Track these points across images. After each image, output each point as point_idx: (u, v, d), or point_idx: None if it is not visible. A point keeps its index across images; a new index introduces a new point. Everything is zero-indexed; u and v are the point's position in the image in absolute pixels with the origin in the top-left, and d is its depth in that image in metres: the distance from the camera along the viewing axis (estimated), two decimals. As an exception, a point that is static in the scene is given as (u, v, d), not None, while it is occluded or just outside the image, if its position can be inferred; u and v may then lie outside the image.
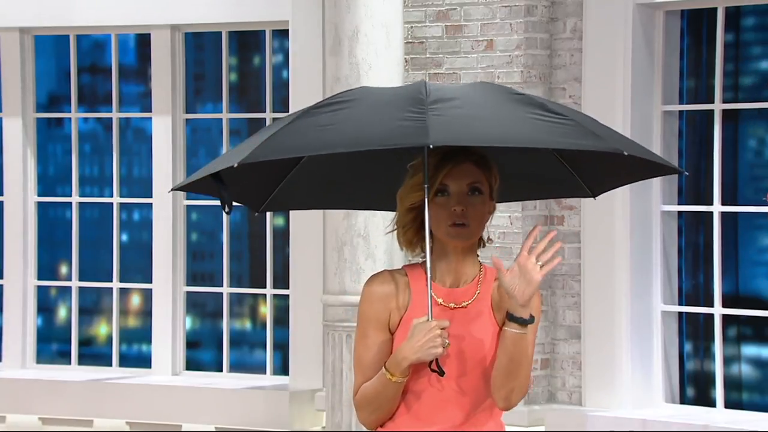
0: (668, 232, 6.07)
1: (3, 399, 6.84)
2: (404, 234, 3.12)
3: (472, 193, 3.08)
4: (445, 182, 3.07)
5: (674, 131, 6.08)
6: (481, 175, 3.10)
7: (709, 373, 5.98)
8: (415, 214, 3.10)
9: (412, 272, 3.14)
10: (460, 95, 3.08)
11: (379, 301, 3.12)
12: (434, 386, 3.08)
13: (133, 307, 7.02)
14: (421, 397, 3.10)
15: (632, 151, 3.08)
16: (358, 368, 3.14)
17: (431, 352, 3.01)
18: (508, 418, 6.06)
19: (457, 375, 3.08)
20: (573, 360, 6.08)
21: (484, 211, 3.10)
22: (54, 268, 7.13)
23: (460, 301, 3.09)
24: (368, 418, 3.13)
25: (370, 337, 3.12)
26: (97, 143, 7.10)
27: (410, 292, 3.12)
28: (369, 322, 3.12)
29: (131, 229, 7.03)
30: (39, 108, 7.12)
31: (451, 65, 6.19)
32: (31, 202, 7.09)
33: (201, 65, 6.93)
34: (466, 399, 3.09)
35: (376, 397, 3.09)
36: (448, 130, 2.96)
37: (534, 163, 3.33)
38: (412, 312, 3.10)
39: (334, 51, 5.70)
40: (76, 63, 7.04)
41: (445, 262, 3.11)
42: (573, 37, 6.06)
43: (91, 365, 7.01)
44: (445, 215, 3.07)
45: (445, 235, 3.08)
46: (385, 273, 3.14)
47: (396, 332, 3.12)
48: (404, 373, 3.06)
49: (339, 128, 3.01)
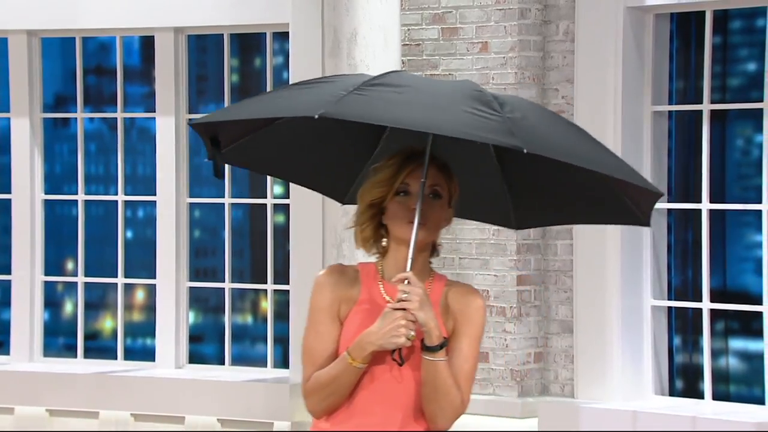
0: (658, 229, 6.01)
1: (11, 391, 6.81)
2: (362, 232, 3.07)
3: (433, 197, 3.03)
4: (407, 181, 3.02)
5: (664, 131, 6.03)
6: (443, 180, 3.06)
7: (698, 366, 5.94)
8: (374, 212, 3.04)
9: (364, 269, 3.09)
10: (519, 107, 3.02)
11: (330, 292, 3.06)
12: (372, 384, 3.02)
13: (138, 302, 7.00)
14: (359, 393, 3.03)
15: (595, 165, 2.99)
16: (308, 358, 3.07)
17: (393, 341, 2.95)
18: (502, 409, 6.02)
19: (396, 375, 3.02)
20: (565, 353, 6.02)
21: (441, 217, 3.05)
22: (60, 264, 7.12)
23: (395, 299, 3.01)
24: (319, 405, 3.06)
25: (321, 327, 3.06)
26: (103, 143, 7.09)
27: (360, 287, 3.06)
28: (320, 312, 3.07)
29: (136, 226, 7.02)
30: (46, 108, 7.09)
31: (447, 67, 6.14)
32: (38, 199, 7.06)
33: (203, 67, 6.92)
34: (401, 400, 3.03)
35: (332, 381, 3.02)
36: (532, 140, 2.91)
37: (480, 181, 3.26)
38: (359, 306, 3.04)
39: (333, 53, 5.68)
40: (81, 64, 7.01)
41: (395, 261, 3.06)
42: (565, 40, 6.02)
43: (96, 358, 6.99)
44: (403, 213, 3.01)
45: (400, 233, 3.02)
46: (337, 266, 3.10)
47: (345, 324, 3.05)
48: (365, 360, 2.99)
49: (414, 108, 2.93)
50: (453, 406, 2.99)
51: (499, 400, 5.97)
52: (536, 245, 6.06)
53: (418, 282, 2.96)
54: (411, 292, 2.94)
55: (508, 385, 5.99)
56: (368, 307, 3.04)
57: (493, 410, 5.97)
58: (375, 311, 3.02)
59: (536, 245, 6.06)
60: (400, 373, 3.00)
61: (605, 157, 3.05)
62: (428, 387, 2.98)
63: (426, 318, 2.95)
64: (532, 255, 6.04)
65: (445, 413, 3.00)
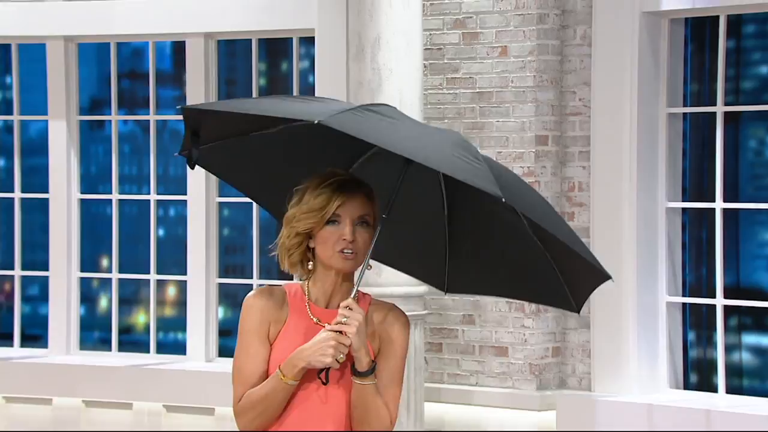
0: (673, 228, 5.98)
1: (49, 383, 6.83)
2: (289, 257, 3.04)
3: (361, 225, 3.02)
4: (338, 213, 3.00)
5: (678, 132, 6.00)
6: (370, 208, 3.05)
7: (712, 361, 5.91)
8: (302, 239, 3.02)
9: (291, 290, 3.07)
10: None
11: (259, 314, 3.03)
12: (302, 404, 3.01)
13: (169, 297, 7.00)
14: (293, 409, 3.01)
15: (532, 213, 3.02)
16: (239, 378, 3.03)
17: (320, 359, 2.95)
18: (521, 402, 6.02)
19: (322, 395, 3.01)
20: (583, 348, 6.00)
21: (369, 242, 3.03)
22: (96, 261, 7.12)
23: (333, 321, 2.99)
24: (251, 423, 3.03)
25: (251, 347, 3.03)
26: (136, 144, 7.09)
27: (288, 309, 3.05)
28: (250, 333, 3.03)
29: (167, 225, 7.02)
30: (82, 111, 7.10)
31: (467, 70, 6.13)
32: (74, 199, 7.07)
33: (233, 71, 6.93)
34: (327, 420, 3.02)
35: (264, 399, 2.99)
36: (511, 195, 2.91)
37: (422, 237, 3.23)
38: (287, 327, 3.03)
39: (358, 57, 5.67)
40: (116, 69, 7.03)
41: (322, 284, 3.05)
42: (583, 44, 6.00)
43: (130, 352, 7.00)
44: (333, 243, 3.00)
45: (331, 262, 3.02)
46: (266, 288, 3.08)
47: (274, 345, 3.03)
48: (296, 377, 2.98)
49: (405, 138, 2.95)
50: (383, 424, 3.01)
51: (518, 393, 5.96)
52: None
53: (360, 309, 2.95)
54: (351, 317, 2.94)
55: (527, 379, 5.98)
56: (296, 328, 3.02)
57: (512, 403, 5.96)
58: (303, 332, 3.01)
59: None
60: (326, 393, 3.00)
61: (568, 232, 3.06)
62: (359, 409, 2.99)
63: (359, 344, 2.95)
64: None
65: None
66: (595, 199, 5.93)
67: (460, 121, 6.12)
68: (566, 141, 6.05)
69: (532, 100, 5.99)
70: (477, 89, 6.10)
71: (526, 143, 6.01)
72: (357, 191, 3.02)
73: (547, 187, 6.03)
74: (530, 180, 6.00)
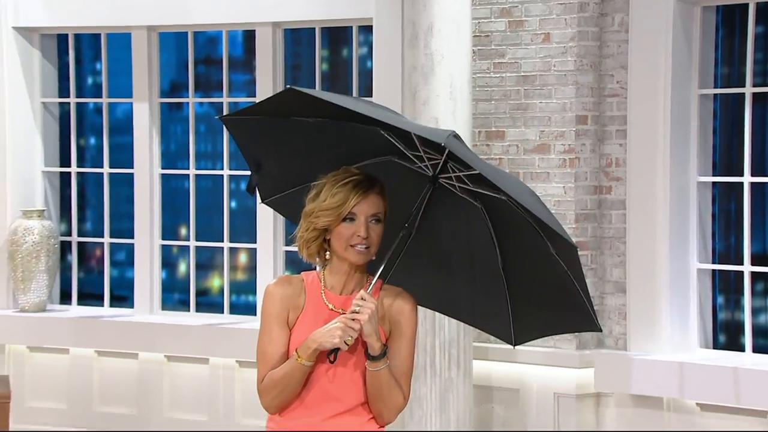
0: (703, 200, 5.99)
1: (135, 340, 6.92)
2: (307, 248, 3.08)
3: (375, 222, 3.05)
4: (354, 211, 3.03)
5: (709, 112, 5.99)
6: (382, 204, 3.07)
7: (739, 322, 5.90)
8: (319, 233, 3.06)
9: (308, 278, 3.11)
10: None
11: (279, 301, 3.08)
12: (320, 380, 3.05)
13: (241, 263, 7.05)
14: (311, 388, 3.06)
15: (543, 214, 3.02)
16: (262, 360, 3.07)
17: (329, 341, 2.98)
18: (562, 361, 6.05)
19: (330, 375, 3.05)
20: (619, 311, 6.02)
21: (381, 235, 3.07)
22: (175, 230, 7.18)
23: (348, 307, 3.04)
24: (272, 401, 3.06)
25: (273, 332, 3.07)
26: (211, 124, 7.14)
27: (305, 296, 3.09)
28: (271, 319, 3.07)
29: (239, 197, 7.05)
30: (162, 94, 7.16)
31: (513, 56, 6.15)
32: (156, 174, 7.15)
33: (298, 57, 6.94)
34: (343, 395, 3.06)
35: (283, 378, 3.03)
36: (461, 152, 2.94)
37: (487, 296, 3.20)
38: (305, 312, 3.07)
39: (412, 44, 5.68)
40: (193, 56, 7.08)
41: (339, 273, 3.08)
42: (620, 30, 5.99)
43: (206, 312, 7.07)
44: (348, 238, 3.03)
45: (346, 255, 3.05)
46: (285, 277, 3.13)
47: (292, 329, 3.07)
48: (310, 358, 3.01)
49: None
50: (396, 402, 3.05)
51: (559, 353, 5.97)
52: (593, 215, 6.05)
53: (372, 300, 2.98)
54: (363, 306, 2.97)
55: (567, 339, 5.99)
56: (313, 314, 3.05)
57: (554, 361, 5.97)
58: (319, 317, 3.04)
59: (593, 215, 6.05)
60: (334, 372, 3.03)
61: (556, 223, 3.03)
62: (374, 389, 3.03)
63: (371, 330, 2.98)
64: (589, 223, 6.03)
65: (389, 410, 3.06)
66: (631, 173, 5.92)
67: (506, 102, 6.13)
68: (604, 120, 6.06)
69: (573, 83, 6.00)
70: (522, 73, 6.10)
71: (567, 123, 6.03)
72: (371, 190, 3.05)
73: (586, 163, 6.04)
74: (571, 156, 6.00)
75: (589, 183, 6.08)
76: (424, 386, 5.68)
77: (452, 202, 3.17)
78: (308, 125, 3.16)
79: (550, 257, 3.05)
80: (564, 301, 3.10)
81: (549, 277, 3.08)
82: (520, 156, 6.13)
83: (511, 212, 3.07)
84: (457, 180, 3.13)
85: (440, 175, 3.13)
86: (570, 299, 3.10)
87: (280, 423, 3.08)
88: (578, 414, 5.97)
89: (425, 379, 5.69)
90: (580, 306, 3.09)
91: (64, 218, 7.39)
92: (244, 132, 3.25)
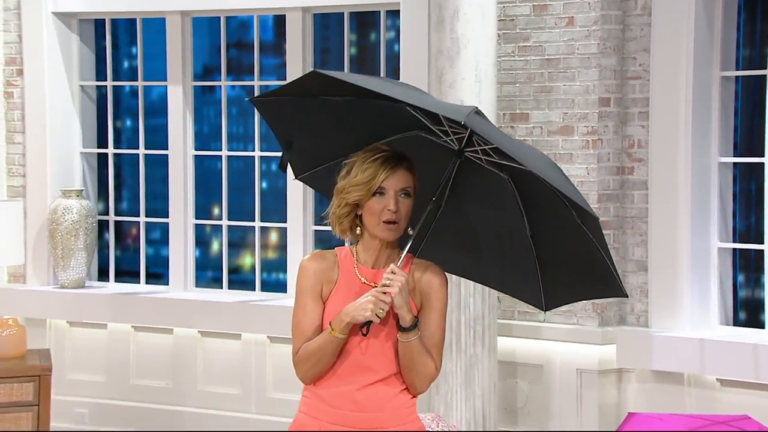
0: (724, 180, 5.95)
1: (170, 315, 6.96)
2: (340, 224, 3.09)
3: (404, 196, 3.05)
4: (383, 186, 3.04)
5: (731, 93, 5.95)
6: (411, 179, 3.07)
7: (759, 300, 5.88)
8: (351, 209, 3.07)
9: (341, 253, 3.12)
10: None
11: (314, 276, 3.09)
12: (354, 352, 3.05)
13: (272, 242, 7.07)
14: (345, 360, 3.06)
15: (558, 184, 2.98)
16: (297, 332, 3.08)
17: (361, 314, 2.99)
18: (584, 337, 6.07)
19: (363, 347, 3.05)
20: (641, 289, 6.01)
21: (410, 210, 3.06)
22: (208, 209, 7.21)
23: (380, 281, 3.04)
24: (307, 373, 3.08)
25: (307, 305, 3.08)
26: (242, 107, 7.15)
27: (339, 271, 3.09)
28: (306, 293, 3.08)
29: (270, 178, 7.07)
30: (196, 77, 7.17)
31: (537, 39, 6.12)
32: (189, 155, 7.17)
33: (327, 41, 6.95)
34: (376, 366, 3.06)
35: (317, 351, 3.04)
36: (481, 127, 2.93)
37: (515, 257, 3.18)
38: (339, 286, 3.08)
39: (438, 28, 5.66)
40: (225, 40, 7.08)
41: (371, 248, 3.08)
42: (643, 14, 5.95)
43: (238, 289, 7.09)
44: (379, 212, 3.04)
45: (376, 231, 3.05)
46: (318, 252, 3.13)
47: (326, 303, 3.08)
48: (344, 331, 3.02)
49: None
50: (428, 372, 3.06)
51: (582, 329, 5.97)
52: (615, 195, 6.03)
53: (403, 273, 2.99)
54: (394, 279, 2.97)
55: (590, 316, 5.99)
56: (346, 287, 3.07)
57: (577, 338, 5.97)
58: (352, 290, 3.06)
59: (615, 195, 6.03)
60: (367, 344, 3.04)
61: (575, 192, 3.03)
62: (406, 360, 3.04)
63: (402, 302, 2.98)
64: (611, 203, 6.02)
65: (421, 380, 3.07)
66: (653, 154, 5.91)
67: (530, 85, 6.11)
68: (627, 102, 6.03)
69: (596, 66, 5.97)
70: (546, 56, 6.08)
71: (591, 105, 6.01)
72: (399, 165, 3.06)
73: (609, 144, 6.03)
74: (594, 138, 6.00)
75: (611, 164, 6.05)
76: (450, 362, 5.69)
77: (479, 174, 3.16)
78: (335, 103, 3.17)
79: (576, 226, 3.05)
80: (592, 268, 3.09)
81: (576, 244, 3.07)
82: (544, 138, 6.11)
83: (536, 182, 3.06)
84: (483, 153, 3.13)
85: (466, 148, 3.12)
86: (597, 266, 3.08)
87: (314, 392, 3.11)
88: (600, 389, 5.97)
89: (451, 355, 5.70)
90: (606, 272, 3.08)
91: (101, 198, 7.43)
92: (274, 112, 3.26)
